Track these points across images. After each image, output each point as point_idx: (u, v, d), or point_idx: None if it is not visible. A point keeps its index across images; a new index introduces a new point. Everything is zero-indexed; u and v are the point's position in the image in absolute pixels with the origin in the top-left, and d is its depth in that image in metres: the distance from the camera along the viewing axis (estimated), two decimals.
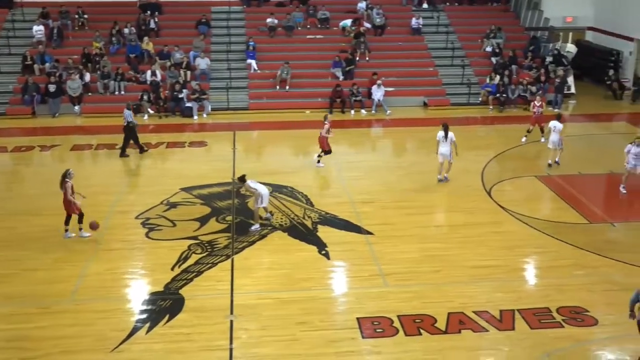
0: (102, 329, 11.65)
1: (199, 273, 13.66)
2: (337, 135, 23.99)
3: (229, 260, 14.23)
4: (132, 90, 26.64)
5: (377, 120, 25.81)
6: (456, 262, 14.14)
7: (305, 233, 15.60)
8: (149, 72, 26.90)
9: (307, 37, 30.14)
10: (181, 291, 12.96)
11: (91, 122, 25.00)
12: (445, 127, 18.41)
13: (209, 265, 13.99)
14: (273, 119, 25.42)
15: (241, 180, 15.94)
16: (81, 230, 15.22)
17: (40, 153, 21.78)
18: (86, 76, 26.62)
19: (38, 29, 28.35)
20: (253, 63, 28.24)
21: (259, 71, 28.25)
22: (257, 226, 15.76)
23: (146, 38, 28.64)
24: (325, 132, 19.73)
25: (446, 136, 18.29)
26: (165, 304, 12.52)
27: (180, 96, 25.83)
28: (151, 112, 25.51)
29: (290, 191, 17.98)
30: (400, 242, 15.10)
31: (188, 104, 25.74)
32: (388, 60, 29.16)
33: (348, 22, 30.41)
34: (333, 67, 28.04)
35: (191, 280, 13.38)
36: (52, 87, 25.72)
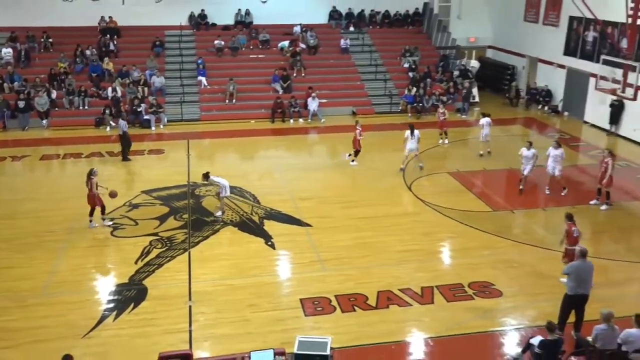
0: (73, 319, 11.34)
1: (160, 265, 13.45)
2: (279, 141, 24.02)
3: (187, 253, 14.04)
4: (95, 105, 25.91)
5: (313, 127, 25.86)
6: (383, 248, 14.31)
7: (253, 227, 15.52)
8: (110, 89, 26.25)
9: (250, 57, 29.92)
10: (144, 282, 12.73)
11: (58, 135, 24.19)
12: (411, 127, 19.48)
13: (169, 258, 13.79)
14: (222, 129, 25.15)
15: (205, 176, 16.00)
16: (104, 220, 15.46)
17: (12, 163, 20.92)
18: (53, 93, 25.76)
19: (7, 52, 27.25)
20: (203, 80, 27.91)
21: (209, 87, 27.91)
22: (220, 213, 15.97)
23: (107, 58, 27.93)
24: (359, 135, 20.24)
25: (412, 134, 19.21)
26: (130, 294, 12.28)
27: (139, 110, 25.30)
28: (113, 125, 24.89)
29: (239, 191, 17.84)
30: (335, 232, 15.17)
31: (146, 117, 25.25)
32: (321, 75, 29.22)
33: (286, 43, 30.34)
34: (273, 82, 27.97)
35: (153, 272, 13.16)
36: (22, 104, 24.77)
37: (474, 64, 31.74)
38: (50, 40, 28.59)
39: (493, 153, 21.24)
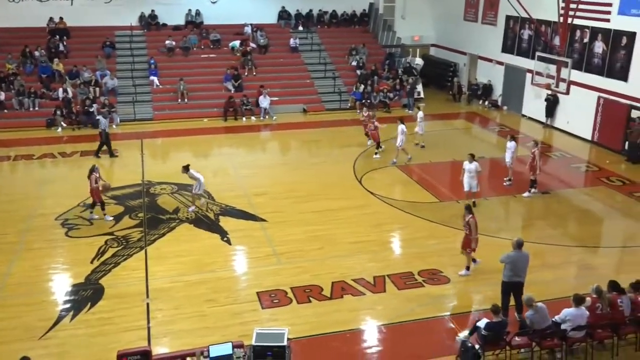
0: (30, 320, 11.00)
1: (116, 264, 13.17)
2: (232, 138, 23.82)
3: (143, 251, 13.80)
4: (46, 106, 25.09)
5: (265, 125, 25.75)
6: (336, 240, 14.40)
7: (209, 223, 15.38)
8: (61, 90, 25.46)
9: (202, 56, 29.53)
10: (101, 281, 12.45)
11: (8, 136, 23.30)
12: (401, 121, 19.92)
13: (125, 256, 13.52)
14: (175, 127, 24.75)
15: (185, 168, 15.96)
16: (105, 215, 15.44)
17: None
18: (1, 95, 24.82)
19: None
20: (155, 79, 27.39)
21: (161, 86, 27.42)
22: (193, 208, 16.00)
23: (56, 59, 27.07)
24: (374, 127, 20.55)
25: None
26: (86, 294, 11.99)
27: (91, 110, 24.64)
28: (64, 125, 24.19)
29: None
30: (289, 226, 15.17)
31: (98, 117, 24.58)
32: (272, 74, 29.09)
33: (237, 43, 30.08)
34: (225, 81, 27.70)
35: (109, 271, 12.88)
36: None
37: (419, 62, 32.17)
38: None
39: (439, 147, 21.52)
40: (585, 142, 22.80)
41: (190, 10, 31.05)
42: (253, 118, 26.29)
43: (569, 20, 22.45)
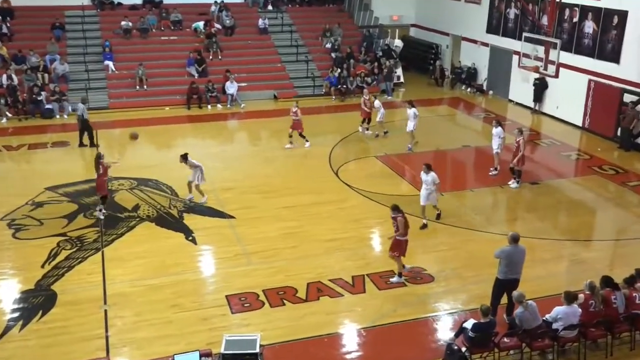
0: None
1: (70, 268, 12.98)
2: (196, 128, 23.62)
3: (99, 253, 13.63)
4: None
5: (233, 113, 25.61)
6: (311, 237, 14.40)
7: (172, 222, 15.25)
8: (5, 76, 24.91)
9: (162, 39, 29.22)
10: (53, 287, 12.26)
11: None
12: (411, 103, 20.51)
13: (80, 259, 13.34)
14: (134, 117, 24.43)
15: (184, 157, 16.00)
16: (101, 211, 15.42)
17: None
18: None
19: None
20: (110, 64, 27.01)
21: (117, 72, 27.06)
22: (205, 198, 16.18)
23: None
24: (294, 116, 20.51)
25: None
26: (37, 301, 11.80)
27: (39, 99, 24.19)
28: (9, 116, 23.73)
29: (155, 183, 17.47)
30: (260, 224, 15.12)
31: (48, 106, 24.20)
32: (239, 58, 28.93)
33: (200, 24, 29.81)
34: (188, 66, 27.45)
35: (62, 275, 12.70)
36: None
37: (398, 43, 32.29)
38: None
39: (420, 135, 21.62)
40: (575, 129, 23.16)
41: None
42: (219, 106, 26.10)
43: None
